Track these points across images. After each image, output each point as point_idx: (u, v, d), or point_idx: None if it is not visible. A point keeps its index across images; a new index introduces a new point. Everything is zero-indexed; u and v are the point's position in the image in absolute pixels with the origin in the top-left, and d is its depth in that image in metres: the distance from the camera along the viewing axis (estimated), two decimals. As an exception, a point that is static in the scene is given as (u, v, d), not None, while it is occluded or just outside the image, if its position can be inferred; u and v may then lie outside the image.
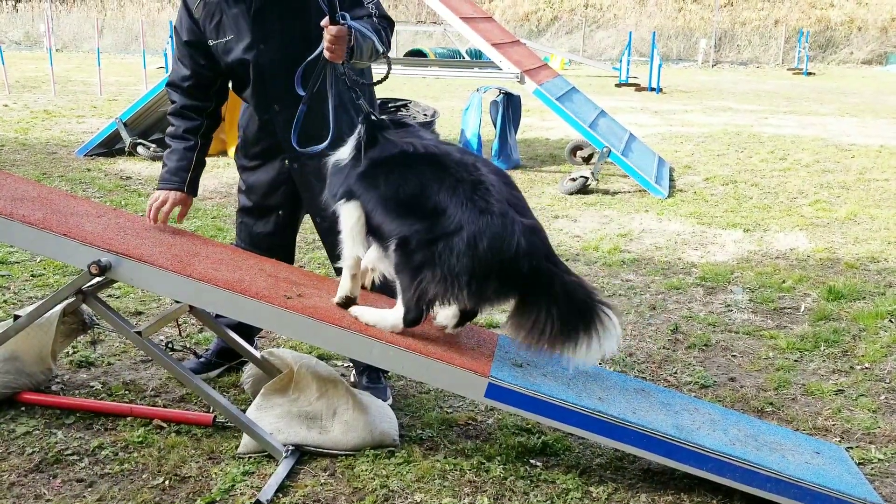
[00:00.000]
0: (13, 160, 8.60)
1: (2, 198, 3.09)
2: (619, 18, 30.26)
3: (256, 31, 3.20)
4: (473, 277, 2.73)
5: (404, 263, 2.81)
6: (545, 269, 2.79)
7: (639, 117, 13.63)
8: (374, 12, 3.30)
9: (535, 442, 3.18)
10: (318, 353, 3.80)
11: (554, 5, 31.33)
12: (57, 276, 4.96)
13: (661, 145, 10.62)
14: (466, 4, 9.39)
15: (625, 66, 19.78)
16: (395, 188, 2.85)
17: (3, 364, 3.29)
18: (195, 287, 2.90)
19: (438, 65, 14.57)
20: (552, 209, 7.16)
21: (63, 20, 27.45)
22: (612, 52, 28.13)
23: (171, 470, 2.89)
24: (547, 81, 8.50)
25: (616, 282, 5.22)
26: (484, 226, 2.72)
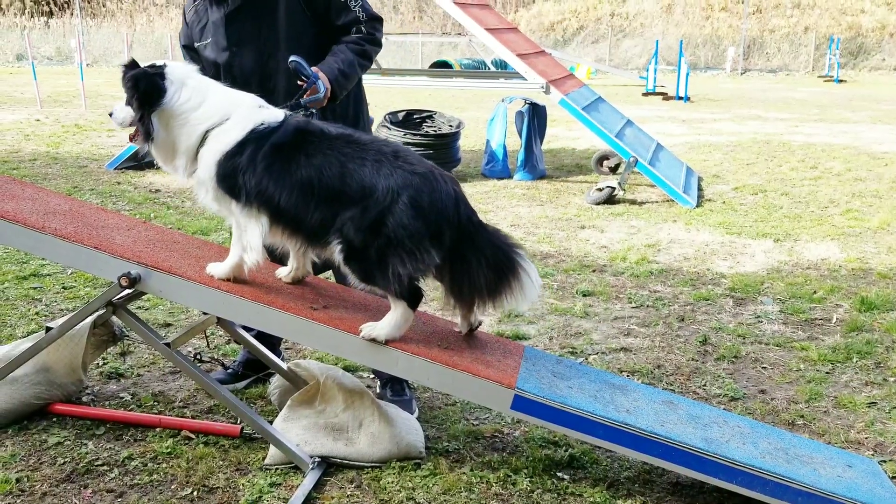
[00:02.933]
0: (45, 174, 8.75)
1: (34, 211, 3.14)
2: (646, 27, 30.14)
3: (231, 34, 3.30)
4: (431, 235, 2.73)
5: (365, 267, 2.77)
6: (474, 218, 2.87)
7: (666, 126, 13.55)
8: (361, 17, 3.36)
9: (562, 455, 3.16)
10: (343, 364, 3.81)
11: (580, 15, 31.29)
12: (88, 288, 5.03)
13: (689, 154, 10.54)
14: (491, 15, 9.41)
15: (651, 75, 19.66)
16: (318, 170, 2.77)
17: (35, 375, 3.34)
18: (223, 299, 2.93)
19: (463, 76, 14.59)
20: (578, 219, 7.12)
21: (93, 35, 27.95)
22: (638, 60, 28.01)
23: (200, 481, 2.91)
24: (573, 91, 8.48)
25: (644, 293, 5.17)
26: (418, 184, 2.73)
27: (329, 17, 3.34)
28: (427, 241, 2.73)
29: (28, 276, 5.19)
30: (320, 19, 3.35)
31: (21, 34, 26.76)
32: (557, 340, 4.38)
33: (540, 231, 6.71)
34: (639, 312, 4.84)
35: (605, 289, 5.21)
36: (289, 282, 3.21)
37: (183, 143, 2.88)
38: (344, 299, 3.24)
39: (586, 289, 5.18)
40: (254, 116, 2.85)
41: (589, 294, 5.12)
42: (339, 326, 2.90)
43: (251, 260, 2.90)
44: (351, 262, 2.78)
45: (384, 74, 11.51)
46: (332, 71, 3.18)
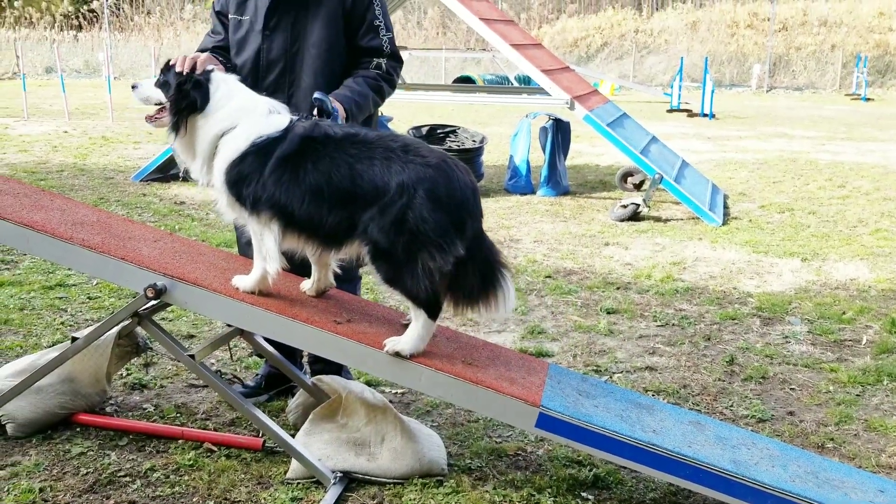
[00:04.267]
0: (72, 185, 8.85)
1: (63, 222, 3.16)
2: (670, 44, 30.05)
3: (269, 18, 3.33)
4: (454, 226, 2.71)
5: (393, 267, 2.75)
6: (482, 211, 2.86)
7: (691, 143, 13.47)
8: (385, 49, 3.40)
9: (587, 474, 3.11)
10: (364, 378, 3.79)
11: (604, 31, 31.28)
12: (112, 298, 5.06)
13: (714, 172, 10.46)
14: (516, 31, 9.43)
15: (676, 92, 19.59)
16: (327, 175, 2.77)
17: (60, 385, 3.35)
18: (247, 311, 2.93)
19: (486, 91, 14.61)
20: (602, 236, 7.08)
21: (121, 49, 28.35)
22: (662, 77, 27.91)
23: (222, 494, 2.90)
24: (597, 107, 8.46)
25: (669, 311, 5.12)
26: (433, 176, 2.71)
27: (358, 33, 3.37)
28: (451, 231, 2.71)
29: (54, 286, 5.23)
30: (351, 34, 3.38)
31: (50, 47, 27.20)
32: (581, 358, 4.33)
33: (563, 247, 6.67)
34: (664, 331, 4.78)
35: (629, 307, 5.16)
36: (312, 294, 3.21)
37: (199, 146, 2.93)
38: (367, 313, 3.23)
39: (610, 306, 5.14)
40: (258, 126, 2.87)
41: (613, 312, 5.07)
42: (363, 341, 2.88)
43: (272, 268, 2.91)
44: (378, 261, 2.77)
45: (408, 89, 11.56)
46: (347, 100, 3.22)
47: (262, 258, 2.93)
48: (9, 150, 11.23)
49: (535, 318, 4.93)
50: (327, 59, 3.36)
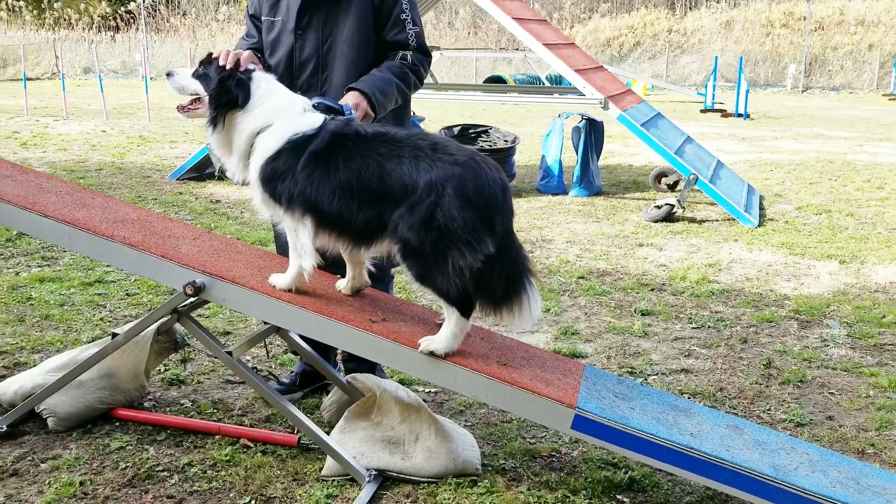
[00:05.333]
0: (110, 183, 8.98)
1: (104, 220, 3.21)
2: (704, 43, 29.72)
3: (300, 18, 3.35)
4: (483, 223, 2.70)
5: (423, 265, 2.74)
6: (512, 209, 2.85)
7: (726, 144, 13.31)
8: (411, 42, 3.39)
9: (622, 477, 3.09)
10: (398, 377, 3.80)
11: (636, 31, 31.01)
12: (150, 295, 5.13)
13: (749, 173, 10.33)
14: (549, 31, 9.39)
15: (710, 92, 19.37)
16: (357, 172, 2.78)
17: (100, 380, 3.41)
18: (284, 309, 2.94)
19: (518, 91, 14.58)
20: (636, 237, 7.02)
21: (157, 50, 28.75)
22: (696, 77, 27.63)
23: (258, 490, 2.93)
24: (631, 107, 8.39)
25: (705, 313, 5.06)
26: (461, 174, 2.70)
27: (385, 28, 3.38)
28: (481, 229, 2.70)
29: (93, 283, 5.31)
30: (379, 28, 3.39)
31: (89, 48, 27.68)
32: (616, 360, 4.30)
33: (596, 248, 6.63)
34: (700, 333, 4.73)
35: (664, 308, 5.12)
36: (348, 293, 3.22)
37: (236, 143, 2.95)
38: (402, 312, 3.23)
39: (645, 308, 5.09)
40: (293, 124, 2.88)
41: (648, 313, 5.03)
42: (398, 340, 2.89)
43: (307, 264, 2.92)
44: (409, 259, 2.77)
45: (439, 89, 11.56)
46: (370, 86, 3.22)
47: (298, 255, 2.95)
48: (49, 148, 11.44)
49: (568, 319, 4.90)
50: (358, 56, 3.38)
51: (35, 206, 3.08)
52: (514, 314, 2.83)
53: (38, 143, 11.87)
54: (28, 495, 2.86)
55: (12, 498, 2.84)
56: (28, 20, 32.08)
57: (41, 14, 32.50)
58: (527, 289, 2.82)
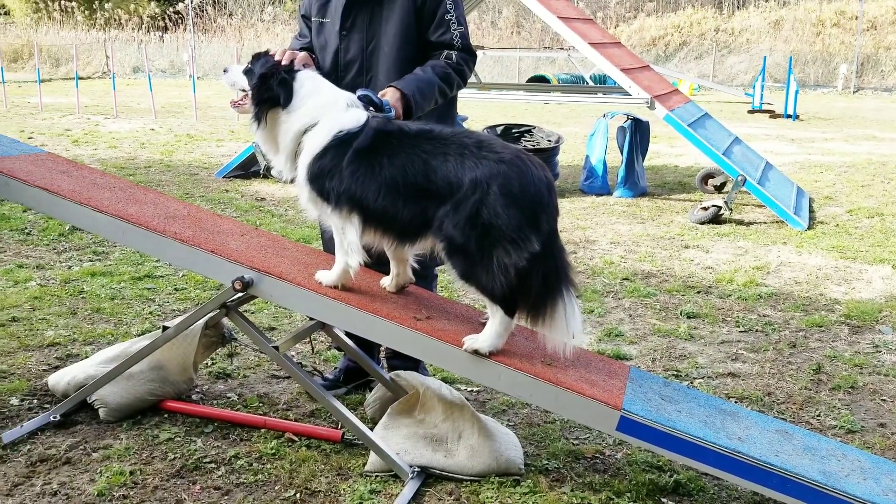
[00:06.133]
0: (159, 180, 9.15)
1: (156, 216, 3.27)
2: (752, 43, 29.21)
3: (345, 18, 3.38)
4: (528, 221, 2.68)
5: (468, 262, 2.73)
6: (557, 207, 2.82)
7: (774, 145, 13.07)
8: (456, 43, 3.38)
9: (667, 480, 3.05)
10: (441, 375, 3.81)
11: (683, 30, 30.60)
12: (198, 290, 5.21)
13: (799, 174, 10.13)
14: (595, 30, 9.32)
15: (758, 92, 19.04)
16: (402, 169, 2.78)
17: (150, 372, 3.48)
18: (330, 305, 2.97)
19: (561, 90, 14.50)
20: (682, 239, 6.93)
21: (204, 49, 29.19)
22: (744, 77, 27.16)
23: (303, 483, 2.96)
24: (678, 107, 8.29)
25: (752, 317, 4.98)
26: (506, 172, 2.68)
27: (429, 27, 3.39)
28: (526, 227, 2.69)
29: (143, 277, 5.42)
30: (423, 29, 3.40)
31: (138, 48, 28.22)
32: (661, 362, 4.25)
33: (641, 249, 6.56)
34: (747, 337, 4.65)
35: (710, 311, 5.04)
36: (393, 290, 3.24)
37: (282, 143, 2.98)
38: (446, 311, 3.24)
39: (691, 310, 5.03)
40: (338, 121, 2.89)
41: (694, 316, 4.96)
42: (443, 338, 2.89)
43: (354, 262, 2.93)
44: (453, 257, 2.77)
45: (482, 89, 11.55)
46: (409, 87, 3.22)
47: (344, 252, 2.96)
48: (100, 146, 11.70)
49: (612, 321, 4.86)
50: (402, 56, 3.39)
51: (90, 201, 3.15)
52: (545, 322, 2.78)
53: (90, 141, 12.15)
54: (80, 483, 2.93)
55: (65, 486, 2.92)
56: (80, 20, 32.84)
57: (93, 14, 33.24)
58: (564, 298, 2.77)
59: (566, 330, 2.78)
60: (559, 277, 2.78)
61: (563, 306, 2.76)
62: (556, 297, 2.76)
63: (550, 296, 2.76)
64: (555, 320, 2.77)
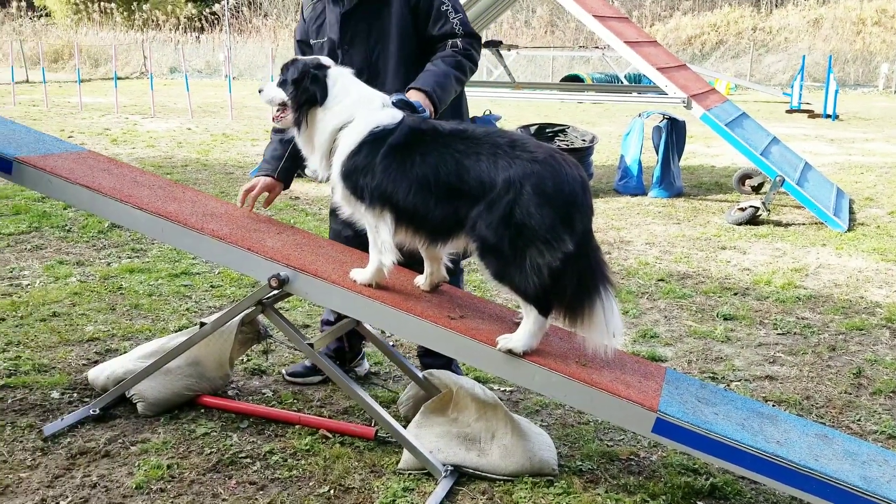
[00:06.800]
0: (195, 179, 9.27)
1: (194, 213, 3.31)
2: (791, 42, 28.77)
3: (344, 33, 3.40)
4: (562, 221, 2.66)
5: (501, 263, 2.72)
6: (592, 207, 2.79)
7: (813, 145, 12.86)
8: (458, 30, 3.38)
9: (703, 483, 3.02)
10: (474, 375, 3.81)
11: (719, 29, 30.24)
12: (233, 287, 5.27)
13: (838, 175, 9.95)
14: (631, 29, 9.24)
15: (797, 92, 18.74)
16: (434, 168, 2.77)
17: (187, 368, 3.52)
18: (365, 303, 2.98)
19: (595, 89, 14.40)
20: (718, 240, 6.85)
21: (240, 50, 29.50)
22: (781, 76, 26.76)
23: (336, 480, 2.97)
24: (715, 107, 8.19)
25: (791, 319, 4.90)
26: (539, 171, 2.66)
27: (428, 24, 3.39)
28: (559, 227, 2.67)
29: (179, 274, 5.49)
30: (422, 26, 3.41)
31: (175, 48, 28.62)
32: (697, 364, 4.20)
33: (677, 250, 6.49)
34: (785, 340, 4.58)
35: (747, 313, 4.97)
36: (426, 289, 3.24)
37: (318, 141, 2.98)
38: (480, 310, 3.23)
39: (727, 312, 4.96)
40: (374, 118, 2.89)
41: (730, 318, 4.89)
42: (476, 337, 2.89)
43: (388, 260, 2.93)
44: (487, 257, 2.76)
45: (516, 88, 11.52)
46: (428, 83, 3.22)
47: (378, 251, 2.97)
48: (138, 145, 11.88)
49: (647, 322, 4.82)
50: (406, 59, 3.41)
51: (130, 198, 3.20)
52: (583, 322, 2.76)
53: (128, 140, 12.34)
54: (119, 476, 2.98)
55: (104, 478, 2.96)
56: (119, 21, 33.41)
57: (131, 15, 33.79)
58: (602, 297, 2.75)
59: (605, 329, 2.76)
60: (595, 277, 2.76)
61: (601, 305, 2.74)
62: (593, 296, 2.74)
63: (588, 295, 2.74)
64: (593, 320, 2.75)
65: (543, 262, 2.68)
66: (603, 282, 2.77)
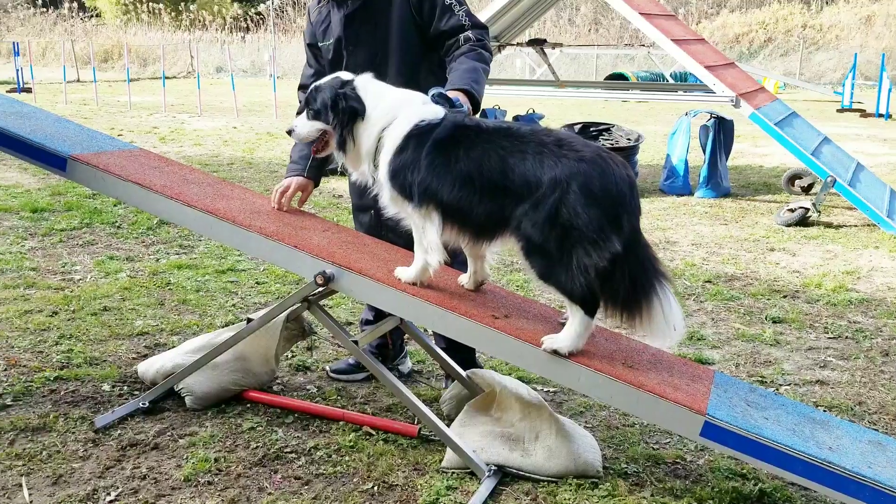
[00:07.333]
0: (241, 177, 9.39)
1: (242, 211, 3.35)
2: (842, 40, 28.12)
3: (349, 35, 3.43)
4: (609, 221, 2.63)
5: (547, 263, 2.69)
6: (640, 207, 2.75)
7: (865, 145, 12.55)
8: (465, 23, 3.37)
9: (752, 489, 2.96)
10: (516, 375, 3.79)
11: (768, 27, 29.69)
12: (278, 284, 5.32)
13: (892, 176, 9.70)
14: (678, 26, 9.12)
15: (848, 91, 18.31)
16: (478, 164, 2.75)
17: (234, 363, 3.56)
18: (409, 302, 2.98)
19: (640, 88, 14.25)
20: (767, 241, 6.72)
21: (284, 49, 29.81)
22: (832, 75, 26.18)
23: (380, 477, 2.99)
24: (764, 105, 8.03)
25: (842, 323, 4.78)
26: (586, 171, 2.63)
27: (433, 21, 3.38)
28: (607, 227, 2.63)
29: (226, 271, 5.57)
30: (427, 25, 3.40)
31: (221, 48, 29.04)
32: (745, 368, 4.13)
33: (724, 251, 6.39)
34: (836, 344, 4.48)
35: (797, 316, 4.87)
36: (471, 288, 3.23)
37: (364, 147, 2.97)
38: (525, 310, 3.21)
39: (776, 315, 4.86)
40: (418, 113, 2.88)
41: (780, 321, 4.80)
42: (521, 337, 2.87)
43: (434, 260, 2.92)
44: (532, 257, 2.73)
45: (560, 86, 11.46)
46: (464, 81, 3.20)
47: (424, 250, 2.96)
48: (185, 143, 12.08)
49: (694, 324, 4.75)
50: (409, 59, 3.42)
51: (180, 196, 3.25)
52: (642, 320, 2.73)
53: (176, 138, 12.55)
54: (168, 468, 3.03)
55: (154, 470, 3.02)
56: (167, 22, 34.02)
57: (178, 16, 34.39)
58: (658, 292, 2.71)
59: (665, 324, 2.72)
60: (647, 273, 2.73)
61: (657, 301, 2.70)
62: (649, 292, 2.71)
63: (643, 293, 2.71)
64: (652, 316, 2.71)
65: (590, 263, 2.65)
66: (657, 276, 2.74)
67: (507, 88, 10.91)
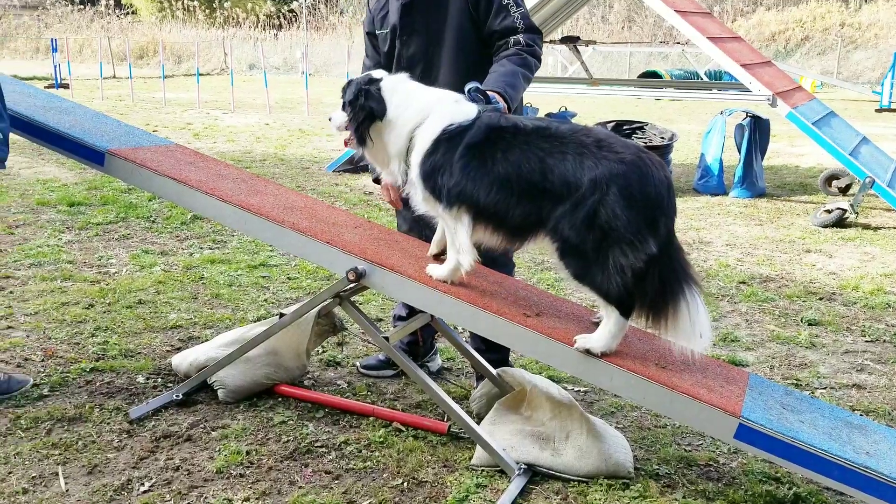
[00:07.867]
0: (273, 173, 9.46)
1: (275, 206, 3.37)
2: (881, 38, 27.58)
3: (404, 25, 3.41)
4: (647, 223, 2.60)
5: (583, 264, 2.66)
6: (675, 208, 2.73)
7: (903, 146, 12.30)
8: (519, 25, 3.33)
9: (786, 493, 2.92)
10: (547, 374, 3.77)
11: (805, 25, 29.22)
12: (309, 280, 5.35)
13: (931, 177, 9.48)
14: (713, 24, 9.00)
15: (887, 90, 17.95)
16: (517, 166, 2.71)
17: (266, 357, 3.59)
18: (440, 298, 2.97)
19: (674, 86, 14.09)
20: (803, 242, 6.62)
21: (316, 47, 29.95)
22: (871, 74, 25.68)
23: (410, 473, 2.99)
24: (802, 105, 7.90)
25: (880, 326, 4.69)
26: (626, 173, 2.60)
27: (488, 18, 3.36)
28: (644, 229, 2.61)
29: (258, 266, 5.61)
30: (482, 22, 3.38)
31: (254, 45, 29.27)
32: (779, 371, 4.07)
33: (759, 252, 6.30)
34: (874, 347, 4.39)
35: (833, 318, 4.79)
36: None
37: (393, 147, 2.95)
38: (557, 309, 3.19)
39: (812, 317, 4.79)
40: (448, 114, 2.85)
41: (815, 323, 4.72)
42: (553, 336, 2.85)
43: (465, 261, 2.91)
44: (567, 258, 2.71)
45: (593, 84, 11.38)
46: (499, 84, 3.17)
47: (456, 251, 2.95)
48: (218, 139, 12.20)
49: (727, 325, 4.69)
50: (462, 53, 3.40)
51: (215, 191, 3.28)
52: (668, 323, 2.70)
53: (209, 134, 12.68)
54: (200, 460, 3.06)
55: (187, 461, 3.05)
56: (201, 19, 34.38)
57: (212, 13, 34.73)
58: (686, 297, 2.67)
59: (692, 330, 2.68)
60: (678, 277, 2.69)
61: (685, 306, 2.66)
62: (677, 296, 2.67)
63: (672, 296, 2.67)
64: (678, 321, 2.68)
65: (627, 264, 2.63)
66: (687, 281, 2.70)
67: (540, 86, 10.85)
